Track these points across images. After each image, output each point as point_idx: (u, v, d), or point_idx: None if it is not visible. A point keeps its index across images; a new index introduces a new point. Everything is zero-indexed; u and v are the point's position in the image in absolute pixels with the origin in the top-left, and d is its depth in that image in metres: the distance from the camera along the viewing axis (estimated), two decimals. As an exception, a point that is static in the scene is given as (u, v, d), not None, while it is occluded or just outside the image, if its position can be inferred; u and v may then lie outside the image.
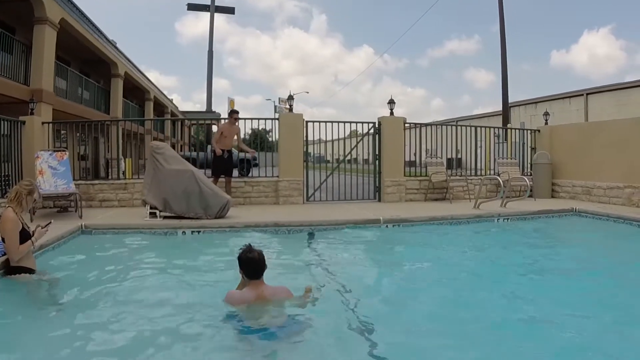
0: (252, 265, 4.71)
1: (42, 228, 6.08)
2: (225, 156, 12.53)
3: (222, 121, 14.49)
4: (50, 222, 6.26)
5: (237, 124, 13.01)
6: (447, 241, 9.41)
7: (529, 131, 17.06)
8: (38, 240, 6.07)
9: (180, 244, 8.96)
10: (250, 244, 4.88)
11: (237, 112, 12.96)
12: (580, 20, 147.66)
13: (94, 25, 22.77)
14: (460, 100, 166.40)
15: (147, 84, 36.06)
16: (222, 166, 12.53)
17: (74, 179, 11.80)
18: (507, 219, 11.26)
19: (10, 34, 17.27)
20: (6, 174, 11.64)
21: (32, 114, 12.95)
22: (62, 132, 20.49)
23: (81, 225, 9.19)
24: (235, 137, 12.98)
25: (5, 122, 11.71)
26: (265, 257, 4.80)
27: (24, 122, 12.34)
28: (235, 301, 4.79)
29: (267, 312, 4.65)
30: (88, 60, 26.64)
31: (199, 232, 9.46)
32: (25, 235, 5.73)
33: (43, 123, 13.06)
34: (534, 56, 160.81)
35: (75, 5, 19.96)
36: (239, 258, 4.77)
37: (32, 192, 5.92)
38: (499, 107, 25.37)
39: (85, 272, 6.53)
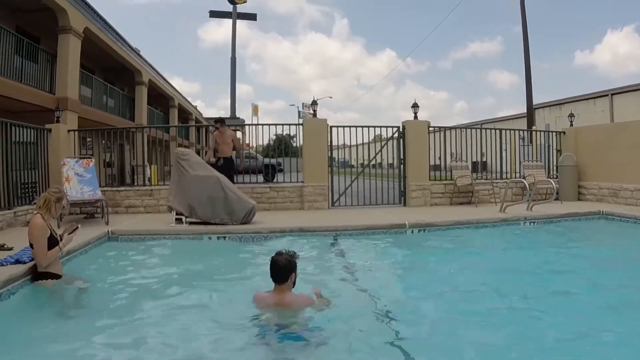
0: (272, 268, 4.78)
1: (69, 234, 6.12)
2: (220, 164, 12.34)
3: (247, 127, 14.54)
4: (77, 227, 6.30)
5: (229, 129, 12.95)
6: (474, 245, 9.31)
7: (554, 133, 16.85)
8: (65, 246, 6.11)
9: (205, 250, 8.92)
10: (288, 250, 5.01)
11: (221, 120, 12.76)
12: (603, 19, 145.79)
13: (117, 33, 22.94)
14: (484, 103, 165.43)
15: (171, 91, 36.28)
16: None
17: (100, 186, 11.87)
18: (534, 222, 11.10)
19: (35, 44, 17.45)
20: (33, 181, 11.75)
21: (57, 121, 13.10)
22: (88, 139, 20.73)
23: (108, 231, 9.25)
24: (233, 141, 12.83)
25: (32, 130, 11.84)
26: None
27: (50, 130, 12.48)
28: (257, 302, 4.88)
29: (286, 318, 4.66)
30: (112, 68, 26.86)
31: (224, 237, 9.43)
32: (52, 242, 5.77)
33: (69, 131, 13.22)
34: (558, 57, 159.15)
35: (98, 15, 20.12)
36: None
37: (60, 199, 5.96)
38: (522, 108, 25.18)
39: (111, 277, 6.57)
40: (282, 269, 4.72)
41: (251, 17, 45.80)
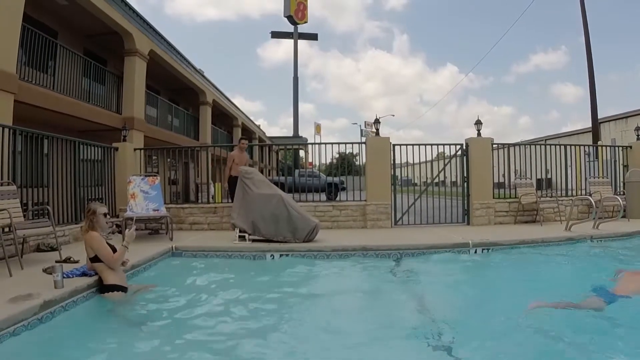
0: None
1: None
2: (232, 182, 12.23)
3: (310, 146, 14.55)
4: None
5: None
6: (538, 265, 8.98)
7: (620, 148, 16.28)
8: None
9: (268, 267, 8.87)
10: None
11: (245, 139, 12.42)
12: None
13: (181, 55, 23.51)
14: (548, 117, 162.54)
15: (234, 110, 36.89)
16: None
17: (164, 203, 12.05)
18: (600, 240, 10.66)
19: (102, 66, 18.01)
20: (100, 197, 12.05)
21: (124, 140, 13.45)
22: (154, 157, 21.16)
23: (172, 247, 9.35)
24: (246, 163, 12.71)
25: (99, 149, 12.16)
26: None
27: (116, 149, 12.81)
28: None
29: None
30: (177, 88, 27.57)
31: (287, 255, 9.36)
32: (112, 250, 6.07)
33: (135, 149, 13.51)
34: (622, 66, 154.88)
35: (163, 37, 20.70)
36: None
37: (94, 211, 6.18)
38: (588, 122, 24.42)
39: (174, 291, 6.59)
40: None
41: (312, 37, 46.26)
